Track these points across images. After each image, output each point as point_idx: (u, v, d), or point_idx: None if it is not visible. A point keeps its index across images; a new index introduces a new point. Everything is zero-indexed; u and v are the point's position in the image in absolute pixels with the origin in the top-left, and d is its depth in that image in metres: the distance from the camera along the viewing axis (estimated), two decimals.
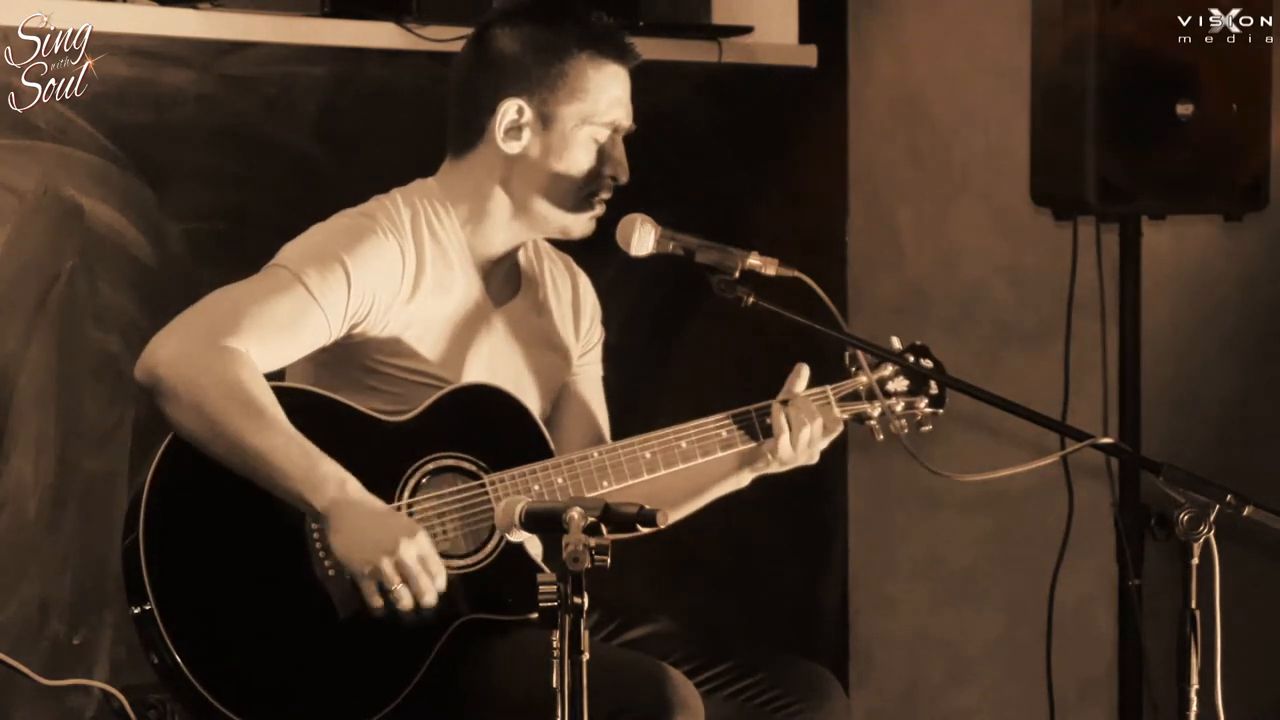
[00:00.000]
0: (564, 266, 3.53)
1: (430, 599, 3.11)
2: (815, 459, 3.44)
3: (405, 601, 3.09)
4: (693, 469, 3.40)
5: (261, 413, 3.09)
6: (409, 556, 3.08)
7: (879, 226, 5.31)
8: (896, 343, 3.47)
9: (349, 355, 3.27)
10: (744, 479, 3.48)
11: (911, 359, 3.47)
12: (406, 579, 3.08)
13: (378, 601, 3.09)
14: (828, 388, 3.45)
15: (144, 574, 3.05)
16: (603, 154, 3.34)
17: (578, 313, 3.52)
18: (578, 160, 3.32)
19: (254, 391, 3.10)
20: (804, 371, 3.44)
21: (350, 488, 3.10)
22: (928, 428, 3.51)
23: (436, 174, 3.39)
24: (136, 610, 3.07)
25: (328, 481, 3.08)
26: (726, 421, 3.40)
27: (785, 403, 3.40)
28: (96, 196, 4.01)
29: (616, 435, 3.51)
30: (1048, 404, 4.64)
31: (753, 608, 5.10)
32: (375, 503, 3.12)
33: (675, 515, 3.45)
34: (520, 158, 3.32)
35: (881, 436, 3.48)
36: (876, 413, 3.47)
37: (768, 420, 3.40)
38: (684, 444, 3.37)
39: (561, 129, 3.31)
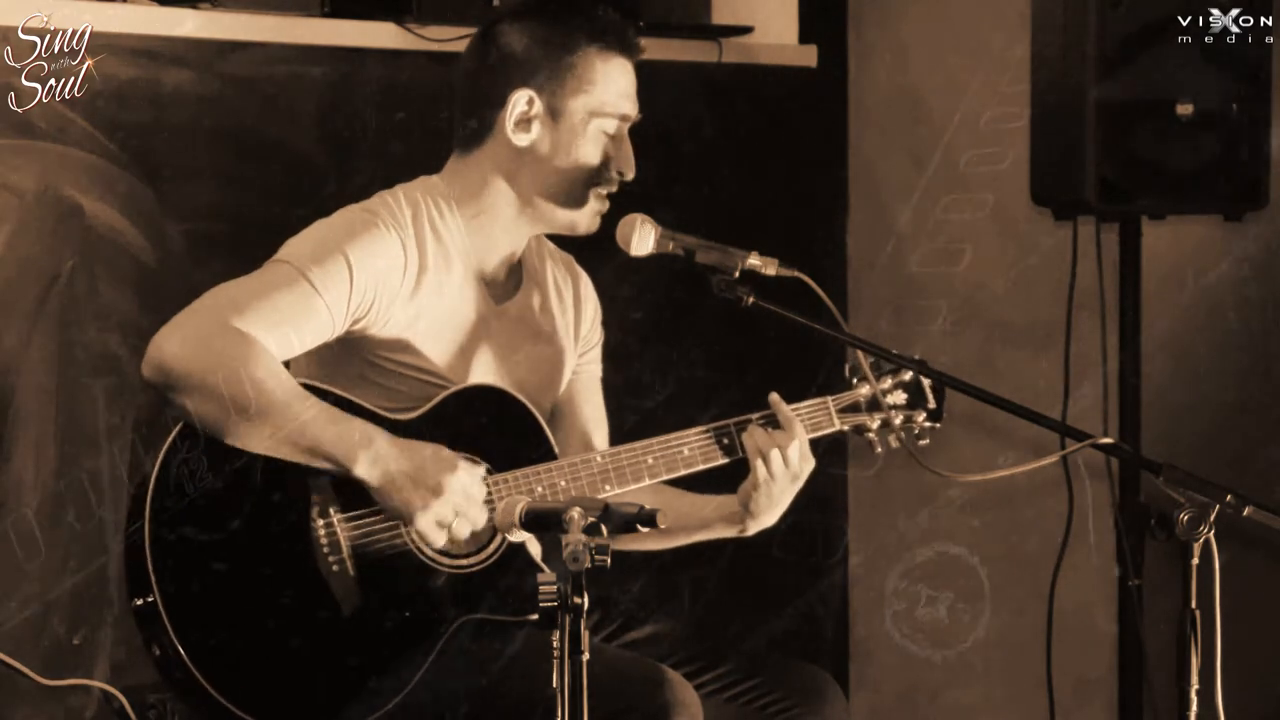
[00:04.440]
0: (565, 266, 3.53)
1: (481, 521, 3.15)
2: (806, 472, 3.41)
3: (463, 533, 3.15)
4: (693, 512, 3.41)
5: (278, 386, 3.10)
6: (456, 491, 3.12)
7: (879, 226, 5.31)
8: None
9: (351, 351, 3.27)
10: (744, 526, 3.42)
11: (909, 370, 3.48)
12: (461, 512, 3.13)
13: (441, 540, 3.14)
14: (828, 398, 3.46)
15: (148, 565, 3.05)
16: (610, 149, 3.34)
17: (579, 312, 3.52)
18: (586, 154, 3.33)
19: (267, 366, 3.10)
20: (774, 397, 3.42)
21: (381, 442, 3.13)
22: (925, 441, 3.52)
23: (441, 171, 3.39)
24: (139, 602, 3.08)
25: (357, 440, 3.12)
26: (728, 429, 3.39)
27: (764, 422, 3.38)
28: (96, 196, 4.01)
29: (616, 436, 3.51)
30: (1048, 404, 4.64)
31: (753, 608, 5.10)
32: (405, 446, 3.14)
33: (667, 544, 3.46)
34: (529, 151, 3.32)
35: (880, 449, 3.49)
36: (876, 424, 3.47)
37: (770, 429, 3.39)
38: (686, 450, 3.37)
39: (570, 122, 3.32)
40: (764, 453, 3.33)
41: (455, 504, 3.13)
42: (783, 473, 3.35)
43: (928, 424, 3.52)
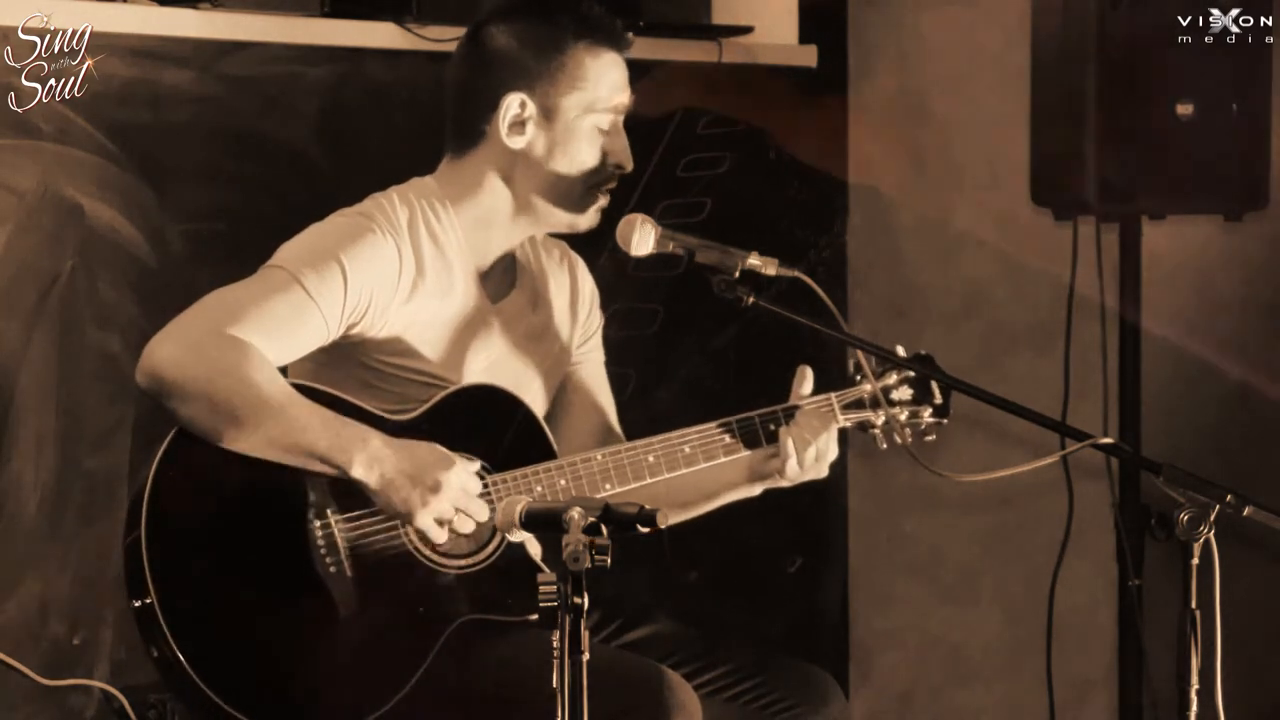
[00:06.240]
0: (559, 255, 3.52)
1: (484, 515, 3.15)
2: (825, 473, 3.43)
3: (466, 528, 3.15)
4: (703, 474, 3.40)
5: (274, 391, 3.10)
6: (454, 487, 3.12)
7: (879, 226, 5.31)
8: (901, 352, 3.46)
9: (348, 354, 3.27)
10: (754, 490, 3.47)
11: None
12: (460, 508, 3.13)
13: (443, 537, 3.14)
14: (832, 395, 3.45)
15: (145, 568, 3.05)
16: (606, 144, 3.34)
17: (575, 302, 3.51)
18: (581, 153, 3.32)
19: (262, 371, 3.10)
20: (808, 374, 3.44)
21: (375, 441, 3.11)
22: (931, 437, 3.51)
23: (435, 172, 3.39)
24: (137, 604, 3.08)
25: (353, 443, 3.10)
26: (730, 427, 3.39)
27: (790, 415, 3.39)
28: (96, 196, 4.01)
29: None
30: (1048, 404, 4.64)
31: (753, 608, 5.10)
32: (400, 446, 3.13)
33: (679, 517, 3.46)
34: (524, 154, 3.32)
35: (885, 445, 3.48)
36: (880, 421, 3.47)
37: (772, 426, 3.39)
38: (687, 448, 3.37)
39: (565, 120, 3.31)
40: (800, 449, 3.35)
41: (454, 499, 3.12)
42: (812, 464, 3.38)
43: (933, 419, 3.51)
